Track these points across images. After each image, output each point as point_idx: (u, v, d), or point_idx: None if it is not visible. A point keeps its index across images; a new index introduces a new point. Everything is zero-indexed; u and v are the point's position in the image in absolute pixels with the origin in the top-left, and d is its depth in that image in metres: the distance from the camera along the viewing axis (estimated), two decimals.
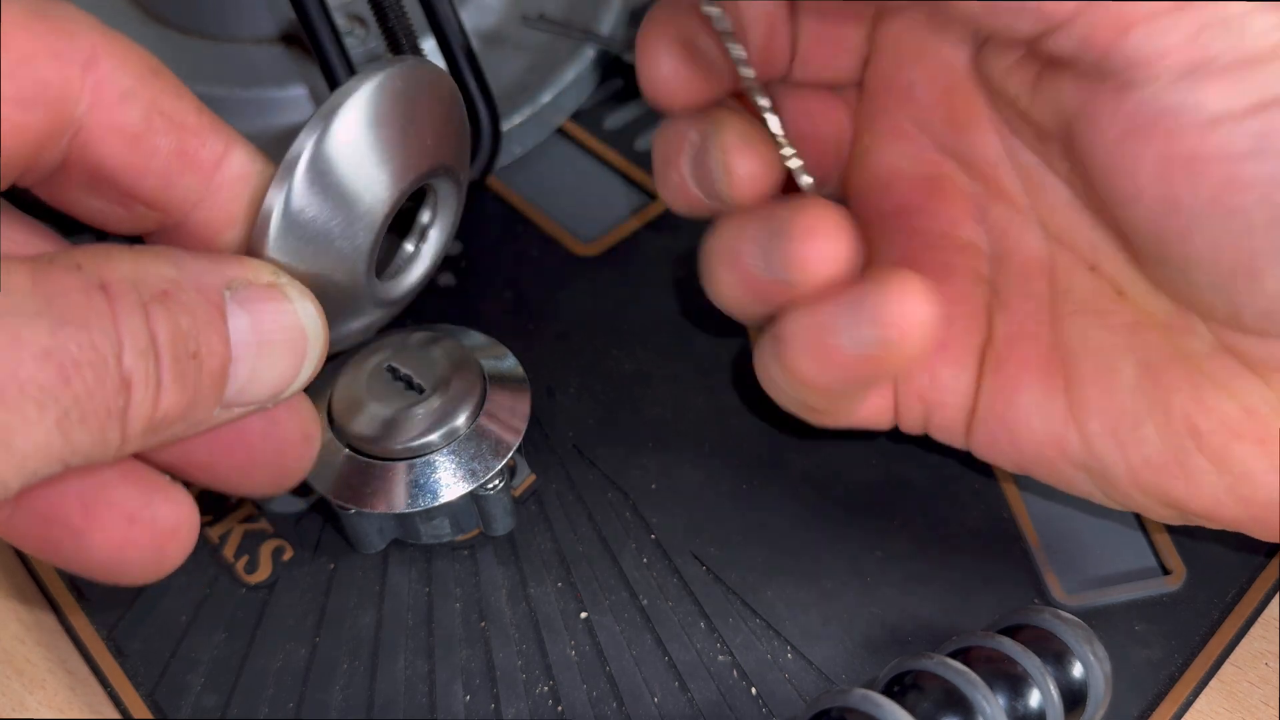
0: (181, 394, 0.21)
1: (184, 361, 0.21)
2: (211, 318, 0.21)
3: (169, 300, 0.20)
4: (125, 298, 0.20)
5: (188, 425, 0.22)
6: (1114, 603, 0.30)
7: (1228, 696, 0.30)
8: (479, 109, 0.37)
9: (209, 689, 0.30)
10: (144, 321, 0.20)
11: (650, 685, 0.30)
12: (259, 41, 0.41)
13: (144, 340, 0.20)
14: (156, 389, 0.20)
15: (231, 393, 0.22)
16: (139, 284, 0.20)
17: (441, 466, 0.30)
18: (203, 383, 0.21)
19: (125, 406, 0.20)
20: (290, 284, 0.23)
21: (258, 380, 0.22)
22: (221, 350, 0.21)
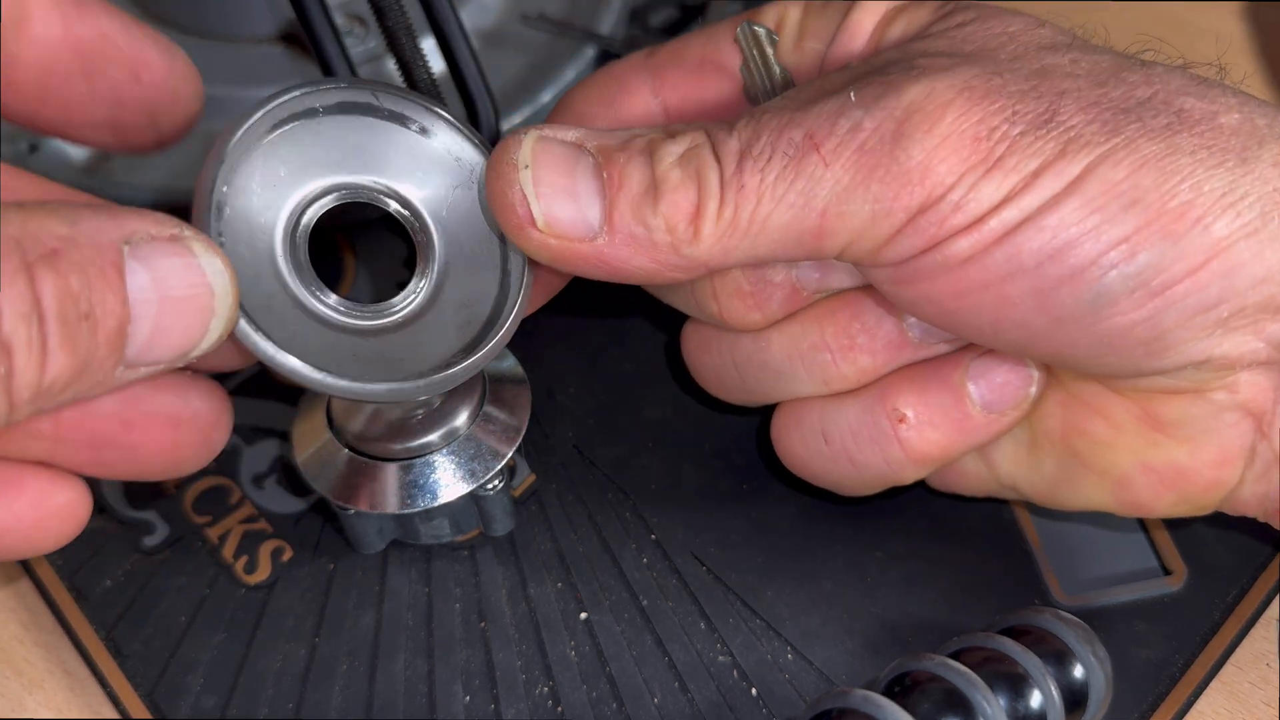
0: (72, 358, 0.20)
1: (74, 324, 0.20)
2: (106, 275, 0.20)
3: (58, 259, 0.20)
4: (7, 260, 0.19)
5: (86, 387, 0.21)
6: (1115, 603, 0.30)
7: (1229, 697, 0.30)
8: (479, 108, 0.37)
9: (208, 689, 0.30)
10: (28, 284, 0.19)
11: (650, 686, 0.29)
12: (259, 41, 0.41)
13: (26, 303, 0.19)
14: (42, 354, 0.20)
15: (133, 353, 0.21)
16: (24, 242, 0.20)
17: (441, 467, 0.30)
18: (97, 344, 0.21)
19: (8, 374, 0.19)
20: (195, 237, 0.22)
21: (161, 339, 0.22)
22: (118, 310, 0.21)
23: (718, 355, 0.31)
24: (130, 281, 0.21)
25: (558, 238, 0.25)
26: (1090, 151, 0.24)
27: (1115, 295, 0.24)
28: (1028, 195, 0.24)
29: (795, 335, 0.29)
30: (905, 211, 0.24)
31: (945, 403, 0.28)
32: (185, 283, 0.22)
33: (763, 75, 0.30)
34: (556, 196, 0.25)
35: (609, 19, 0.43)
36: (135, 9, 0.42)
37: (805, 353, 0.29)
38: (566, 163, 0.25)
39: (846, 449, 0.29)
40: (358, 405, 0.30)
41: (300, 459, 0.31)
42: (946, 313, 0.26)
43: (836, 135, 0.24)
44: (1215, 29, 0.46)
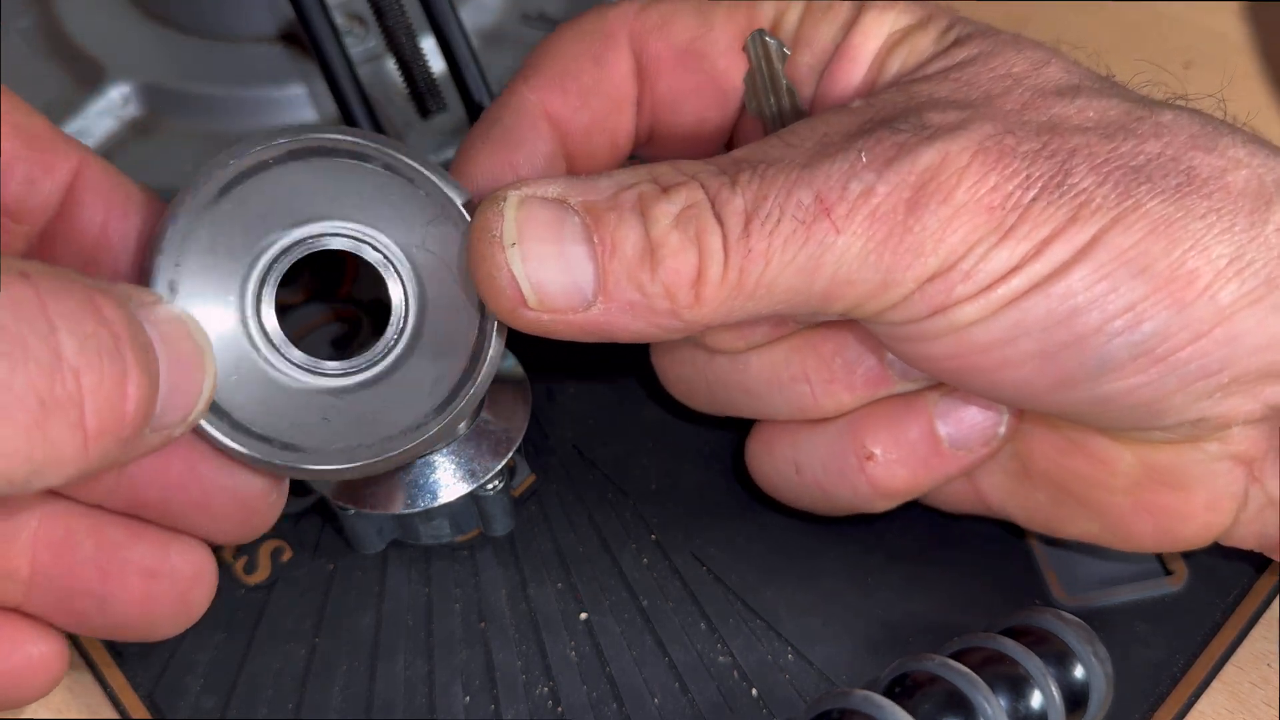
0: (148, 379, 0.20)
1: (141, 350, 0.20)
2: (135, 330, 0.21)
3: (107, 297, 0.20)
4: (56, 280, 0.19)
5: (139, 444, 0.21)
6: (1115, 603, 0.30)
7: (1230, 697, 0.30)
8: (480, 108, 0.37)
9: (208, 690, 0.30)
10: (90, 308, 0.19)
11: (650, 686, 0.29)
12: (258, 40, 0.41)
13: (89, 324, 0.19)
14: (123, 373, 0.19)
15: (157, 410, 0.21)
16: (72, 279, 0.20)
17: (441, 467, 0.30)
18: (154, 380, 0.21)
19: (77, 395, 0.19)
20: (171, 303, 0.23)
21: (175, 396, 0.22)
22: (152, 364, 0.21)
23: (690, 369, 0.30)
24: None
25: (551, 312, 0.24)
26: (1101, 216, 0.23)
27: (1119, 361, 0.24)
28: (1037, 263, 0.23)
29: (776, 364, 0.29)
30: (915, 281, 0.24)
31: (914, 440, 0.28)
32: (183, 339, 0.22)
33: (768, 91, 0.29)
34: (547, 268, 0.23)
35: None
36: (135, 8, 0.42)
37: (785, 382, 0.29)
38: (553, 227, 0.24)
39: (817, 480, 0.29)
40: None
41: None
42: (945, 370, 0.26)
43: (848, 200, 0.23)
44: (1215, 29, 0.46)
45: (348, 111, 0.36)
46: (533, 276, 0.23)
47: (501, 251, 0.23)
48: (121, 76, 0.40)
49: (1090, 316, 0.23)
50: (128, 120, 0.40)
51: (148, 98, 0.40)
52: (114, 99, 0.40)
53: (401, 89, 0.38)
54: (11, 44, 0.42)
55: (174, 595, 0.25)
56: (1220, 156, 0.24)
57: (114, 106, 0.40)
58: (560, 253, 0.23)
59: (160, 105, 0.40)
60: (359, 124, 0.36)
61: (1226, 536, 0.28)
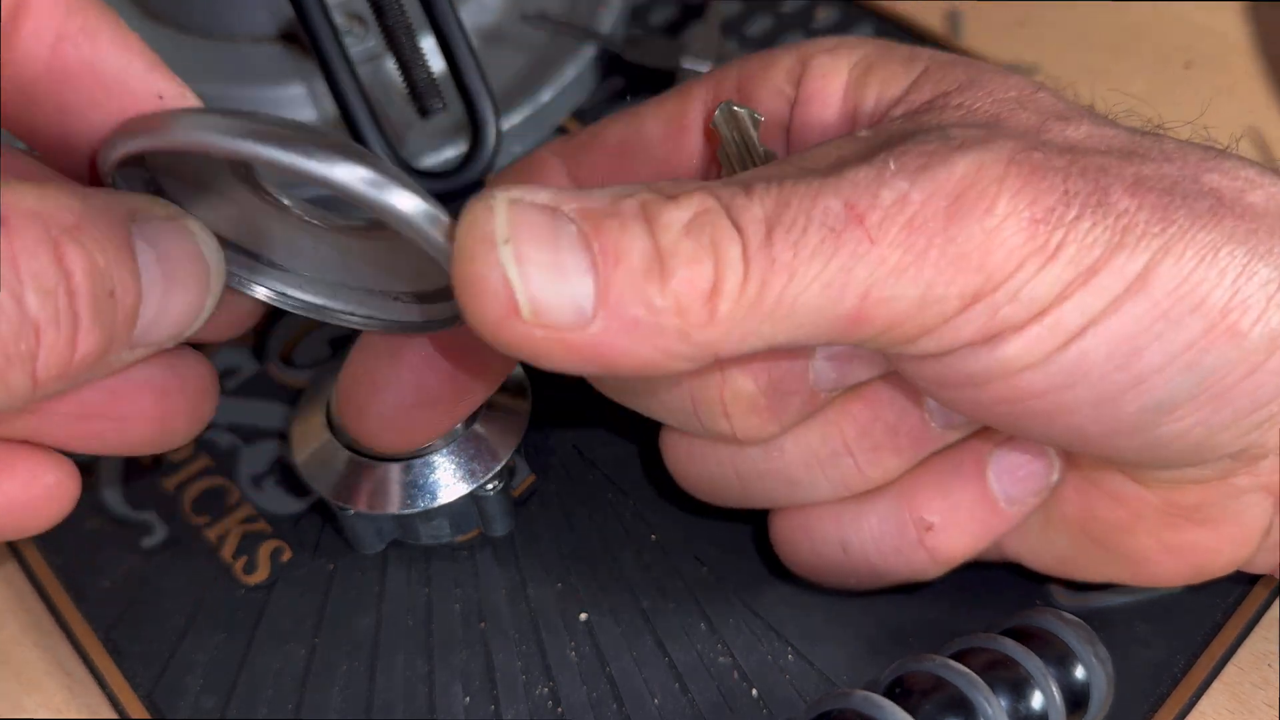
0: (101, 334, 0.19)
1: (103, 300, 0.19)
2: (121, 252, 0.20)
3: (80, 234, 0.19)
4: (28, 232, 0.18)
5: (99, 368, 0.20)
6: (1116, 604, 0.30)
7: (1230, 698, 0.30)
8: (479, 107, 0.37)
9: (207, 690, 0.30)
10: (53, 259, 0.18)
11: (651, 686, 0.29)
12: (258, 40, 0.41)
13: (51, 278, 0.18)
14: (73, 330, 0.19)
15: (139, 330, 0.21)
16: (46, 217, 0.19)
17: (440, 467, 0.30)
18: (118, 321, 0.20)
19: (33, 350, 0.18)
20: (188, 217, 0.22)
21: (165, 316, 0.21)
22: (134, 286, 0.20)
23: (715, 466, 0.28)
24: (139, 259, 0.20)
25: (544, 328, 0.20)
26: (1148, 244, 0.21)
27: (1177, 402, 0.22)
28: (1089, 295, 0.21)
29: (813, 442, 0.27)
30: (959, 299, 0.21)
31: (970, 502, 0.27)
32: (186, 260, 0.21)
33: (746, 161, 0.27)
34: (542, 274, 0.20)
35: (609, 18, 0.43)
36: (135, 8, 0.42)
37: (826, 460, 0.27)
38: (548, 233, 0.20)
39: (868, 558, 0.28)
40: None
41: (299, 459, 0.31)
42: (993, 416, 0.24)
43: (880, 208, 0.21)
44: (1215, 29, 0.46)
45: (348, 111, 0.36)
46: (530, 286, 0.20)
47: (493, 249, 0.20)
48: None
49: (1152, 358, 0.22)
50: None
51: None
52: None
53: (401, 89, 0.38)
54: None
55: (186, 409, 0.24)
56: (1234, 178, 0.23)
57: None
58: (556, 261, 0.20)
59: None
60: (359, 123, 0.36)
61: (1248, 564, 0.27)
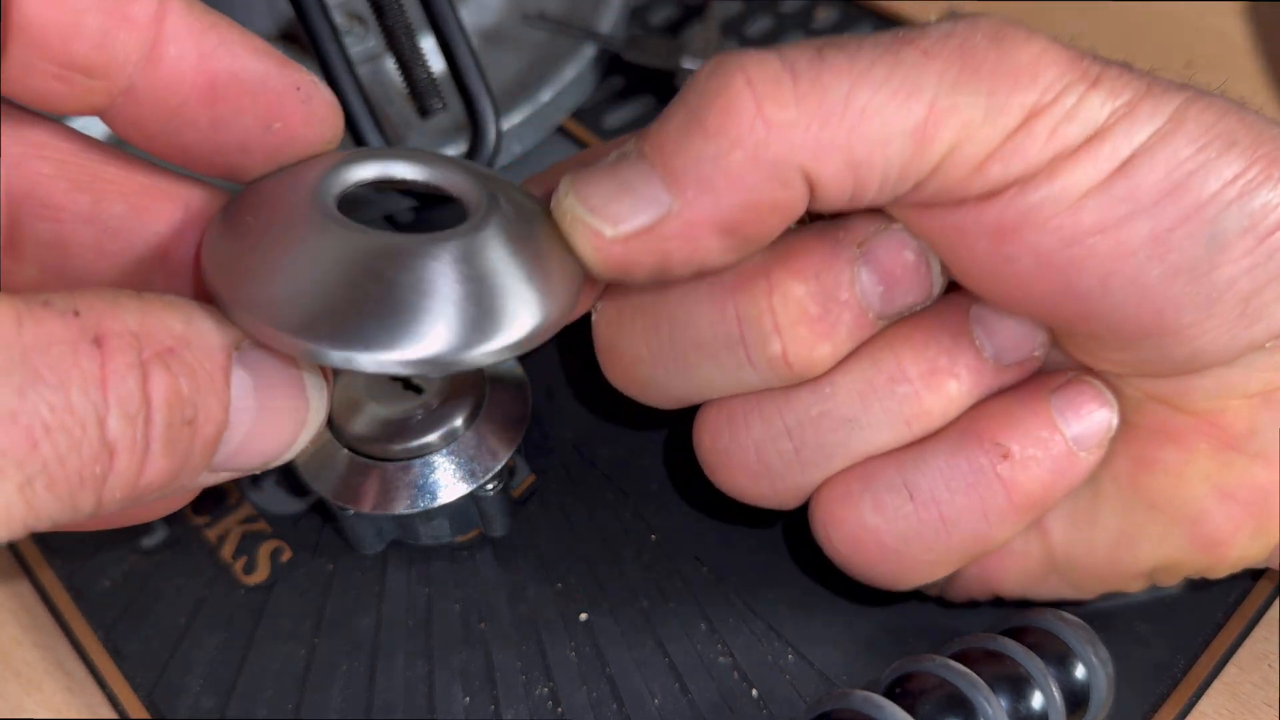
0: (170, 462, 0.19)
1: (177, 428, 0.19)
2: (214, 381, 0.20)
3: (172, 359, 0.19)
4: (122, 355, 0.18)
5: (170, 491, 0.20)
6: (1116, 604, 0.30)
7: (1230, 698, 0.30)
8: (479, 107, 0.37)
9: (207, 690, 0.30)
10: (139, 383, 0.19)
11: (651, 687, 0.29)
12: None
13: (135, 404, 0.18)
14: (143, 457, 0.19)
15: (221, 458, 0.21)
16: (143, 338, 0.19)
17: (440, 467, 0.30)
18: (194, 450, 0.20)
19: (105, 474, 0.18)
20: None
21: (251, 445, 0.21)
22: (219, 417, 0.20)
23: (760, 428, 0.27)
24: (234, 388, 0.20)
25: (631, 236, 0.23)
26: (1171, 98, 0.23)
27: (1229, 237, 0.23)
28: (1134, 125, 0.23)
29: (866, 371, 0.26)
30: (1021, 109, 0.22)
31: (1042, 435, 0.26)
32: (285, 393, 0.21)
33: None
34: (610, 201, 0.22)
35: (609, 18, 0.43)
36: None
37: (881, 388, 0.26)
38: (606, 170, 0.23)
39: (937, 502, 0.26)
40: (358, 405, 0.30)
41: (299, 459, 0.31)
42: (1053, 268, 0.23)
43: (929, 38, 0.22)
44: (1215, 29, 0.46)
45: (348, 111, 0.36)
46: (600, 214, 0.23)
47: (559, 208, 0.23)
48: None
49: (1202, 185, 0.22)
50: None
51: None
52: None
53: (401, 89, 0.38)
54: None
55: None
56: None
57: None
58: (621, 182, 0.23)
59: None
60: (358, 123, 0.36)
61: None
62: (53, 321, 0.18)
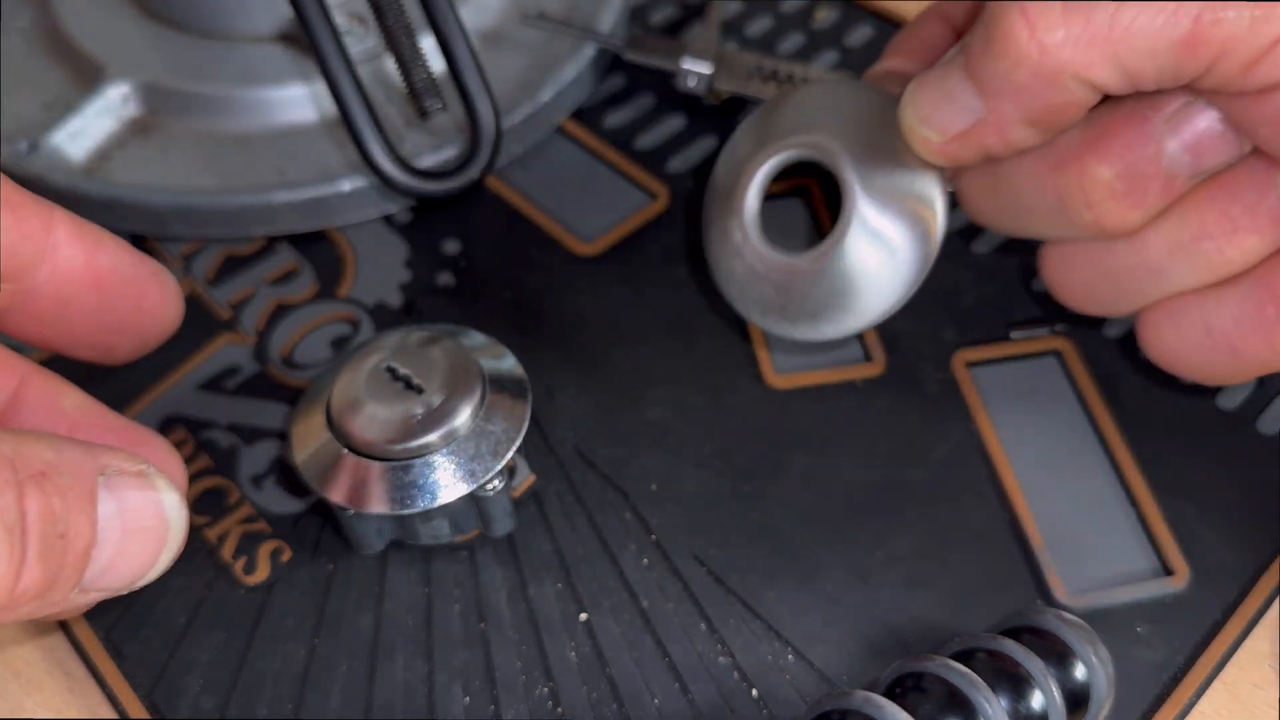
0: (44, 572, 0.21)
1: (51, 540, 0.21)
2: (83, 501, 0.22)
3: (44, 481, 0.21)
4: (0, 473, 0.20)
5: (43, 605, 0.22)
6: (1117, 603, 0.30)
7: (1230, 698, 0.30)
8: (479, 107, 0.37)
9: (207, 690, 0.30)
10: (16, 499, 0.20)
11: (651, 687, 0.29)
12: (257, 40, 0.41)
13: (12, 516, 0.20)
14: (20, 565, 0.21)
15: (90, 576, 0.22)
16: (16, 461, 0.21)
17: (441, 467, 0.30)
18: (66, 563, 0.22)
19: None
20: (158, 474, 0.24)
21: (118, 565, 0.23)
22: (88, 532, 0.22)
23: (1086, 269, 0.30)
24: (100, 509, 0.22)
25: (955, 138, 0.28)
26: None
27: None
28: None
29: (1174, 229, 0.28)
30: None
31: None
32: (147, 515, 0.23)
33: None
34: (938, 112, 0.28)
35: (609, 18, 0.43)
36: (135, 8, 0.42)
37: (1187, 244, 0.28)
38: (938, 81, 0.28)
39: (1229, 339, 0.29)
40: (358, 405, 0.30)
41: (299, 459, 0.31)
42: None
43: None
44: None
45: (348, 111, 0.36)
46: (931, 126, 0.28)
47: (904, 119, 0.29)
48: (121, 76, 0.40)
49: None
50: (127, 119, 0.40)
51: (147, 97, 0.40)
52: (113, 98, 0.40)
53: (401, 89, 0.38)
54: (11, 44, 0.42)
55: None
56: None
57: (113, 106, 0.40)
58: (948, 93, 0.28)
59: (160, 104, 0.40)
60: (359, 123, 0.36)
61: None
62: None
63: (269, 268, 0.39)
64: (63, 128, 0.39)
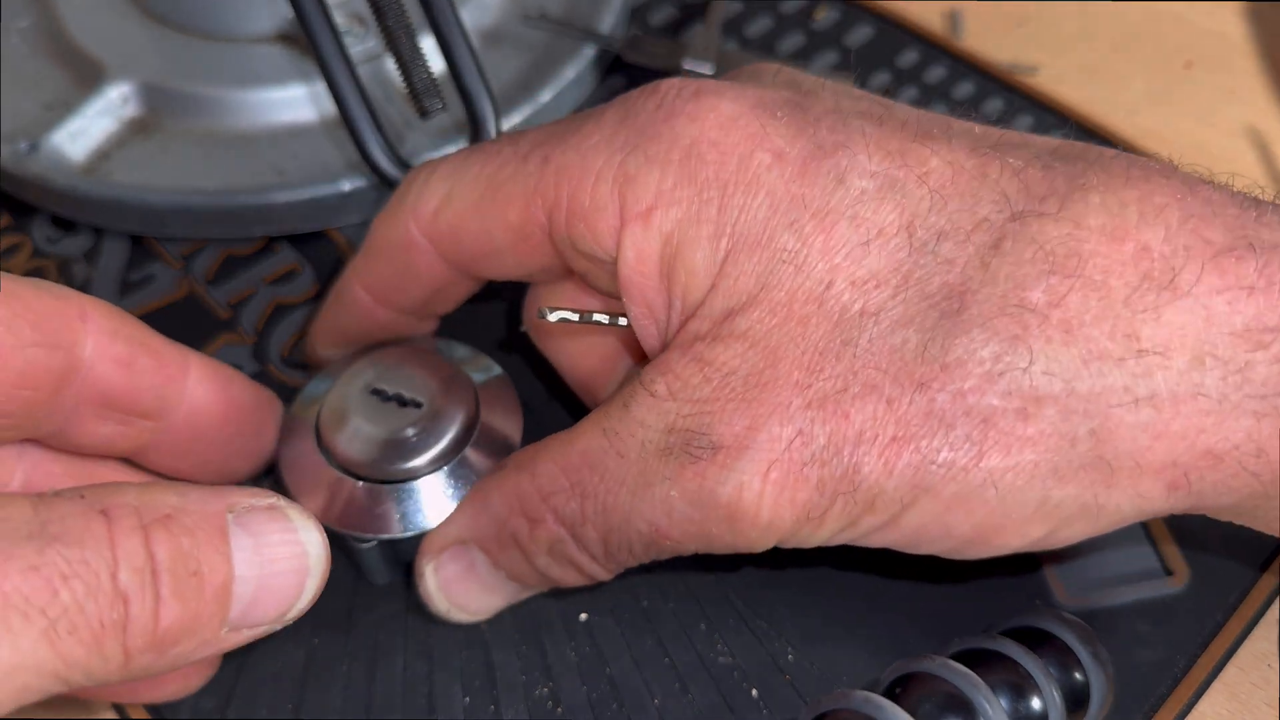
0: (183, 609, 0.21)
1: (183, 578, 0.21)
2: (213, 537, 0.22)
3: (171, 523, 0.21)
4: (125, 520, 0.21)
5: (194, 645, 0.22)
6: (1116, 604, 0.30)
7: (1230, 698, 0.30)
8: (479, 107, 0.37)
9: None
10: (142, 542, 0.21)
11: (651, 687, 0.29)
12: (257, 40, 0.41)
13: (140, 558, 0.21)
14: (155, 603, 0.21)
15: (236, 614, 0.23)
16: (141, 509, 0.21)
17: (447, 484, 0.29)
18: (205, 599, 0.22)
19: (124, 620, 0.20)
20: (290, 506, 0.24)
21: (263, 598, 0.23)
22: (223, 567, 0.22)
23: None
24: (235, 544, 0.22)
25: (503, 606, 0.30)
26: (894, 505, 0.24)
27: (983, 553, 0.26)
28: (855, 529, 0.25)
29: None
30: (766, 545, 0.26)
31: None
32: (284, 547, 0.23)
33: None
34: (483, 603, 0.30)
35: (609, 18, 0.43)
36: (135, 8, 0.42)
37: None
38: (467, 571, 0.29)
39: None
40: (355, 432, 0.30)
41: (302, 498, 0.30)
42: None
43: (678, 528, 0.26)
44: (1215, 29, 0.46)
45: (347, 112, 0.36)
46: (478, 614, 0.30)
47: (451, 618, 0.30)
48: (121, 76, 0.40)
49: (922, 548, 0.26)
50: (127, 120, 0.40)
51: (147, 97, 0.40)
52: (113, 98, 0.40)
53: (401, 89, 0.38)
54: (11, 44, 0.42)
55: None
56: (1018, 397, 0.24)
57: (113, 106, 0.40)
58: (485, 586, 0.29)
59: (160, 105, 0.40)
60: (359, 123, 0.36)
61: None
62: (63, 503, 0.21)
63: (269, 268, 0.39)
64: (63, 128, 0.39)
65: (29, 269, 0.39)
